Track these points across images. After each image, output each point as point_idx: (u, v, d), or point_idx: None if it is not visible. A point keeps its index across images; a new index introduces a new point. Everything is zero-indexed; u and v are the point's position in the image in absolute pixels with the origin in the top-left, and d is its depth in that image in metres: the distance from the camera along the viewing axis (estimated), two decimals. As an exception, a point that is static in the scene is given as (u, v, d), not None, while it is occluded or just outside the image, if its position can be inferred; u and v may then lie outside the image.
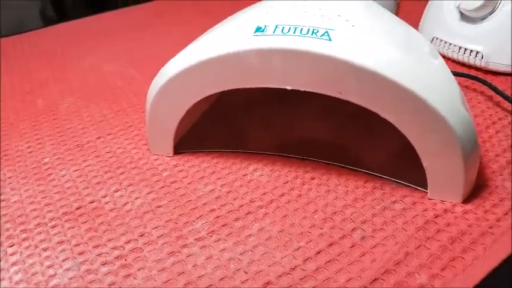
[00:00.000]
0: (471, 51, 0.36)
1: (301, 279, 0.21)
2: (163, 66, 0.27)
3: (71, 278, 0.21)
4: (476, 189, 0.25)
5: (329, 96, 0.24)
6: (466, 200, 0.24)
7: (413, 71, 0.23)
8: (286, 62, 0.23)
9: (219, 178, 0.27)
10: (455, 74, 0.28)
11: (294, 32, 0.23)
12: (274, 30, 0.24)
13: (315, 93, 0.24)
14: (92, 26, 0.55)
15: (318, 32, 0.23)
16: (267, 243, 0.22)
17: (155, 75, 0.27)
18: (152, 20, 0.55)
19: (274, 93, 0.33)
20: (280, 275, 0.21)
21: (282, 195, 0.26)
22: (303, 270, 0.21)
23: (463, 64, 0.38)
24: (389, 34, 0.25)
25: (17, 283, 0.21)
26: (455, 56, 0.38)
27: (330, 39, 0.22)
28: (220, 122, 0.32)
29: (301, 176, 0.27)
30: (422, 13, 0.43)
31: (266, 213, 0.24)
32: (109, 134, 0.32)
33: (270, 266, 0.21)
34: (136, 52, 0.46)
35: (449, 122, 0.22)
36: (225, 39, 0.25)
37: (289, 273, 0.21)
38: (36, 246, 0.23)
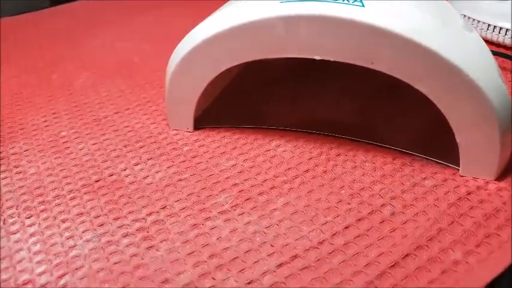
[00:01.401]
0: (500, 28, 0.35)
1: (330, 253, 0.20)
2: (178, 43, 0.26)
3: (91, 249, 0.21)
4: (510, 167, 0.24)
5: (355, 71, 0.23)
6: (500, 177, 0.23)
7: (448, 40, 0.22)
8: (315, 29, 0.22)
9: (241, 153, 0.26)
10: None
11: (324, -1, 0.22)
12: (303, -4, 0.23)
13: (339, 68, 0.23)
14: (102, 5, 0.54)
15: (349, -2, 0.22)
16: (293, 218, 0.22)
17: (171, 52, 0.26)
18: (161, 2, 0.54)
19: (296, 69, 0.32)
20: (308, 249, 0.20)
21: (307, 171, 0.25)
22: (331, 244, 0.20)
23: (491, 42, 0.37)
24: (423, 3, 0.24)
25: (35, 253, 0.21)
26: (483, 34, 0.36)
27: (363, 5, 0.21)
28: (241, 98, 0.31)
29: (326, 153, 0.26)
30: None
31: (291, 188, 0.23)
32: (127, 109, 0.31)
33: (296, 239, 0.20)
34: (150, 30, 0.45)
35: (486, 93, 0.21)
36: (250, 7, 0.24)
37: (316, 247, 0.20)
38: (55, 218, 0.22)
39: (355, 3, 0.21)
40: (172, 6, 0.52)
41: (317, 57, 0.23)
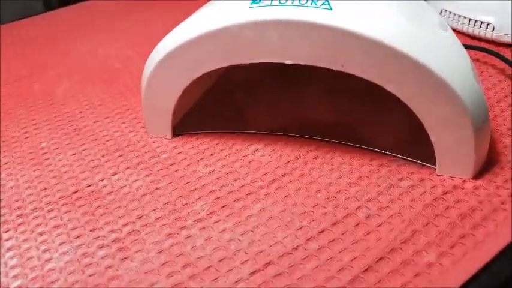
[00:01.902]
0: (482, 23, 0.35)
1: (304, 259, 0.20)
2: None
3: (67, 262, 0.21)
4: (488, 165, 0.24)
5: (331, 74, 0.23)
6: (477, 175, 0.23)
7: (420, 41, 0.21)
8: (284, 34, 0.22)
9: (219, 159, 0.26)
10: (466, 47, 0.26)
11: (292, 2, 0.22)
12: (272, 0, 0.22)
13: (317, 71, 0.23)
14: (89, 11, 0.54)
15: (317, 1, 0.22)
16: (268, 224, 0.22)
17: (152, 55, 0.26)
18: (149, 3, 0.54)
19: (274, 72, 0.32)
20: (282, 255, 0.20)
21: (284, 175, 0.25)
22: (305, 249, 0.20)
23: (473, 37, 0.36)
24: (394, 3, 0.24)
25: (12, 267, 0.21)
26: (465, 29, 0.36)
27: (331, 8, 0.21)
28: (220, 103, 0.31)
29: (304, 156, 0.26)
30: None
31: (267, 194, 0.23)
32: (106, 118, 0.31)
33: (271, 246, 0.20)
34: (132, 34, 0.45)
35: (459, 94, 0.21)
36: (221, 12, 0.24)
37: (290, 253, 0.20)
38: (33, 231, 0.22)
39: (323, 6, 0.21)
40: (154, 9, 0.52)
41: (288, 62, 0.22)
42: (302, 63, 0.22)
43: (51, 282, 0.20)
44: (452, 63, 0.21)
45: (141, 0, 0.56)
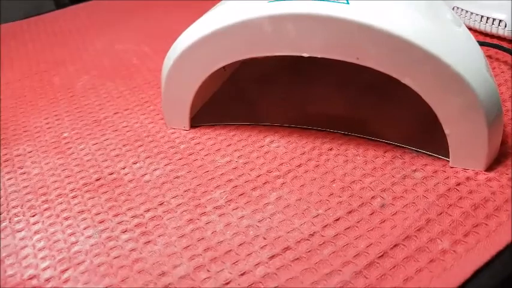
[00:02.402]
0: (494, 20, 0.35)
1: (320, 244, 0.20)
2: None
3: (92, 245, 0.21)
4: (500, 157, 0.24)
5: (346, 68, 0.23)
6: (489, 168, 0.24)
7: (435, 35, 0.22)
8: (301, 27, 0.23)
9: (236, 150, 0.27)
10: (478, 43, 0.27)
11: (311, -3, 0.23)
12: (290, -5, 0.23)
13: (331, 65, 0.24)
14: (102, 8, 0.55)
15: (335, -4, 0.22)
16: (285, 211, 0.22)
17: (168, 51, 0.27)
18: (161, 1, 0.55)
19: (290, 66, 0.33)
20: (299, 241, 0.21)
21: (299, 165, 0.25)
22: (322, 236, 0.21)
23: (485, 34, 0.37)
24: (409, 0, 0.24)
25: (40, 250, 0.22)
26: (477, 26, 0.37)
27: (347, 2, 0.22)
28: (236, 96, 0.32)
29: (319, 147, 0.27)
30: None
31: (284, 183, 0.24)
32: (126, 110, 0.32)
33: (288, 232, 0.21)
34: (148, 31, 0.46)
35: (473, 87, 0.21)
36: (239, 7, 0.24)
37: (308, 239, 0.21)
38: (58, 216, 0.23)
39: (340, 0, 0.22)
40: (169, 6, 0.52)
41: (305, 55, 0.23)
42: (319, 56, 0.23)
43: (78, 264, 0.21)
44: (466, 57, 0.22)
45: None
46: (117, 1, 0.57)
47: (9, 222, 0.23)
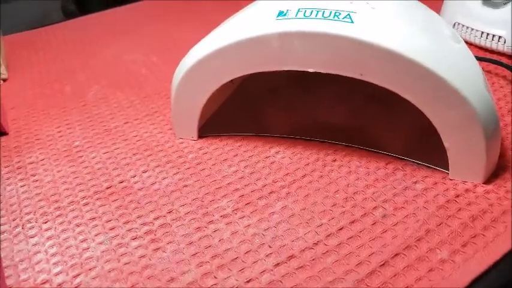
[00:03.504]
0: (493, 36, 0.36)
1: (324, 253, 0.21)
2: (184, 54, 0.28)
3: (103, 251, 0.22)
4: (498, 171, 0.25)
5: (349, 81, 0.24)
6: (488, 180, 0.25)
7: (435, 52, 0.23)
8: (308, 44, 0.24)
9: (242, 160, 0.28)
10: (478, 58, 0.28)
11: (316, 15, 0.24)
12: (296, 13, 0.24)
13: (335, 78, 0.25)
14: (111, 19, 0.56)
15: (339, 14, 0.23)
16: (290, 220, 0.23)
17: (177, 62, 0.28)
18: (168, 11, 0.56)
19: (295, 78, 0.34)
20: (303, 250, 0.21)
21: (304, 176, 0.26)
22: (326, 245, 0.22)
23: (485, 49, 0.38)
24: (410, 17, 0.25)
25: (52, 255, 0.22)
26: (477, 41, 0.38)
27: (352, 22, 0.23)
28: (242, 107, 0.33)
29: (322, 158, 0.27)
30: (443, -1, 0.43)
31: (288, 193, 0.25)
32: (136, 119, 0.33)
33: (293, 241, 0.22)
34: (157, 42, 0.47)
35: (470, 101, 0.22)
36: (249, 23, 0.26)
37: (312, 248, 0.21)
38: (70, 222, 0.24)
39: (345, 19, 0.23)
40: (177, 18, 0.54)
41: (310, 70, 0.24)
42: (324, 71, 0.24)
43: (90, 269, 0.21)
44: (464, 73, 0.23)
45: (161, 9, 0.58)
46: (125, 13, 0.58)
47: (23, 228, 0.24)
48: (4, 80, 0.41)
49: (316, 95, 0.32)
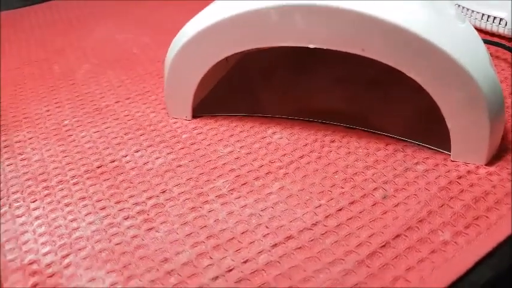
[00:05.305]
0: (495, 18, 0.35)
1: (323, 234, 0.20)
2: (176, 34, 0.27)
3: (94, 231, 0.21)
4: (501, 152, 0.25)
5: (349, 62, 0.23)
6: (490, 162, 0.24)
7: (439, 28, 0.22)
8: (308, 18, 0.23)
9: (238, 140, 0.27)
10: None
11: (318, -12, 0.23)
12: (297, -14, 0.23)
13: (335, 57, 0.24)
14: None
15: (342, -13, 0.22)
16: (288, 201, 0.22)
17: (169, 43, 0.27)
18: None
19: (293, 58, 0.33)
20: (302, 230, 0.21)
21: (302, 156, 0.25)
22: (325, 226, 0.21)
23: (486, 32, 0.37)
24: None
25: (40, 235, 0.21)
26: (477, 24, 0.37)
27: (355, -6, 0.22)
28: (238, 87, 0.32)
29: (321, 139, 0.27)
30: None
31: (286, 173, 0.24)
32: (127, 99, 0.32)
33: (291, 221, 0.21)
34: (149, 21, 0.46)
35: (476, 80, 0.21)
36: (246, -3, 0.24)
37: (310, 229, 0.21)
38: (59, 202, 0.23)
39: (348, -8, 0.22)
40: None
41: (311, 46, 0.23)
42: (325, 47, 0.23)
43: (79, 250, 0.20)
44: (470, 52, 0.22)
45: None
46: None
47: (9, 207, 0.23)
48: (-10, 58, 0.39)
49: (315, 76, 0.31)
